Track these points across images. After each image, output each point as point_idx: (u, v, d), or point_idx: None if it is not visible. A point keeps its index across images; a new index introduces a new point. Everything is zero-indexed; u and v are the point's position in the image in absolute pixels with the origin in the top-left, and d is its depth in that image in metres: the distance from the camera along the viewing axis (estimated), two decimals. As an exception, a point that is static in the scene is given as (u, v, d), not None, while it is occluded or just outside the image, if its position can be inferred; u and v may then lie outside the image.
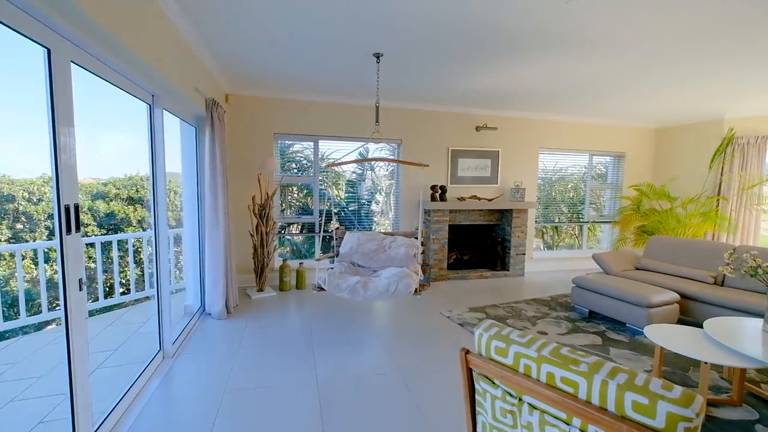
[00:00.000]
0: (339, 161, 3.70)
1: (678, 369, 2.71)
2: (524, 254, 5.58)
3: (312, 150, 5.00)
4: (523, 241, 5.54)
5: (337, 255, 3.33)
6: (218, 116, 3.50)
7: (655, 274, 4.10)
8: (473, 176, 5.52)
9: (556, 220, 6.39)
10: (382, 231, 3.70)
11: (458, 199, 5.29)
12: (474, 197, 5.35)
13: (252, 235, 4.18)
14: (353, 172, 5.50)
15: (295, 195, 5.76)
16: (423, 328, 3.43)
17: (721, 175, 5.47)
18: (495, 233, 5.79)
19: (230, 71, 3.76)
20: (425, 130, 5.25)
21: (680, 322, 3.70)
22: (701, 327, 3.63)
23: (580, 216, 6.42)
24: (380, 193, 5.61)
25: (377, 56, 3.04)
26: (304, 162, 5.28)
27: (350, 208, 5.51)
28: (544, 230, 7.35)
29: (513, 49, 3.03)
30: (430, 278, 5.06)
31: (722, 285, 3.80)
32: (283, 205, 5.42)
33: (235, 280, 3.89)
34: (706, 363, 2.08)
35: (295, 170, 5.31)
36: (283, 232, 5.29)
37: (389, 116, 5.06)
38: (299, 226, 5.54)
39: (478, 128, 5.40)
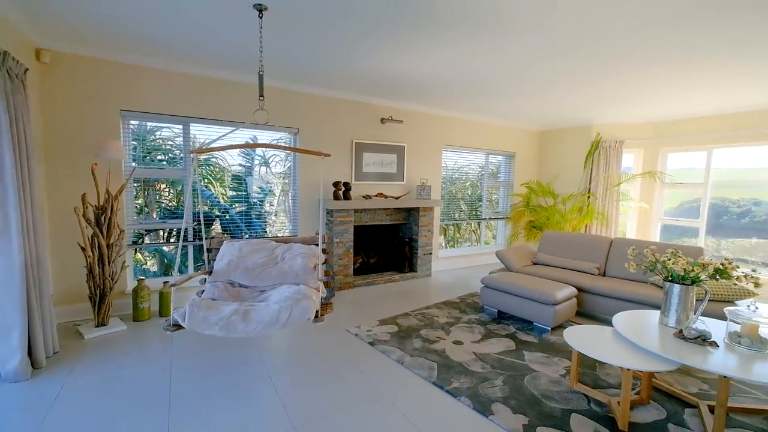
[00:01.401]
0: (210, 146, 2.84)
1: (587, 368, 2.68)
2: (431, 254, 5.42)
3: (182, 136, 3.92)
4: (430, 240, 5.38)
5: (210, 273, 2.49)
6: (15, 76, 2.33)
7: (550, 268, 4.27)
8: (379, 172, 5.12)
9: (457, 218, 6.45)
10: (273, 237, 2.96)
11: (364, 197, 4.82)
12: (380, 195, 4.95)
13: (83, 249, 2.98)
14: (241, 165, 4.56)
15: (165, 193, 4.55)
16: (327, 355, 2.82)
17: (591, 174, 6.18)
18: (402, 233, 5.51)
19: (41, 13, 2.55)
20: (326, 119, 4.63)
21: (576, 314, 3.88)
22: (592, 317, 3.96)
23: (478, 213, 6.62)
24: (275, 192, 4.79)
25: (259, 9, 2.32)
26: (176, 152, 4.14)
27: (237, 210, 4.56)
28: (446, 228, 7.43)
29: (418, 25, 2.64)
30: (335, 289, 4.47)
31: (604, 275, 4.13)
32: (147, 206, 4.19)
33: (53, 314, 2.70)
34: (628, 370, 1.97)
35: (164, 162, 4.14)
36: (140, 242, 4.07)
37: (283, 100, 4.29)
38: (166, 233, 4.37)
39: (383, 120, 5.01)
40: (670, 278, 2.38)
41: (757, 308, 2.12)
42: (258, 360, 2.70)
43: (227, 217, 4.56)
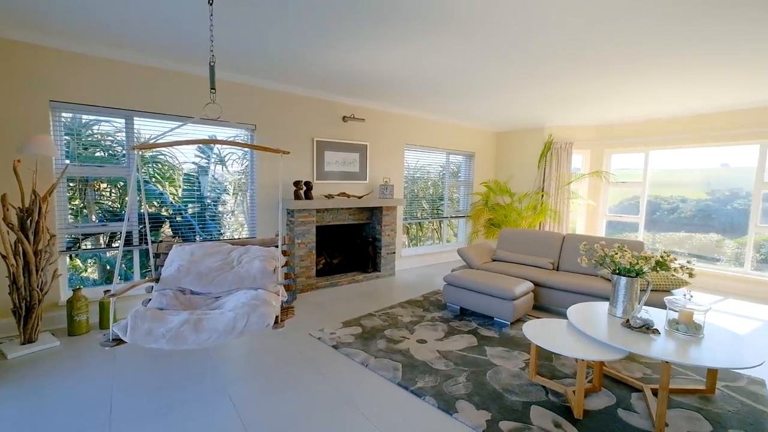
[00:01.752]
0: (155, 141, 2.59)
1: (545, 360, 2.79)
2: (395, 253, 5.42)
3: (124, 131, 3.59)
4: (393, 239, 5.38)
5: (158, 280, 2.29)
6: None
7: (509, 264, 4.42)
8: (341, 171, 5.03)
9: (420, 217, 6.52)
10: (230, 240, 2.79)
11: (326, 196, 4.72)
12: (343, 194, 4.87)
13: (4, 257, 2.64)
14: (194, 164, 4.28)
15: (106, 194, 4.17)
16: (288, 361, 2.71)
17: (544, 174, 6.49)
18: (365, 233, 5.46)
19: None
20: (286, 116, 4.46)
21: (534, 308, 4.05)
22: (548, 310, 4.15)
23: (440, 212, 6.73)
24: (232, 192, 4.55)
25: (209, -4, 2.16)
26: (118, 148, 3.79)
27: (190, 211, 4.28)
28: (409, 227, 7.49)
29: (374, 20, 2.61)
30: (297, 292, 4.33)
31: (558, 270, 4.35)
32: (85, 207, 3.80)
33: (-33, 334, 2.35)
34: (582, 360, 2.07)
35: (104, 159, 3.78)
36: (76, 247, 3.69)
37: (239, 94, 4.08)
38: (107, 237, 4.00)
39: (345, 118, 4.92)
40: (617, 271, 2.53)
41: (692, 297, 2.31)
42: (213, 371, 2.53)
43: (179, 219, 4.26)
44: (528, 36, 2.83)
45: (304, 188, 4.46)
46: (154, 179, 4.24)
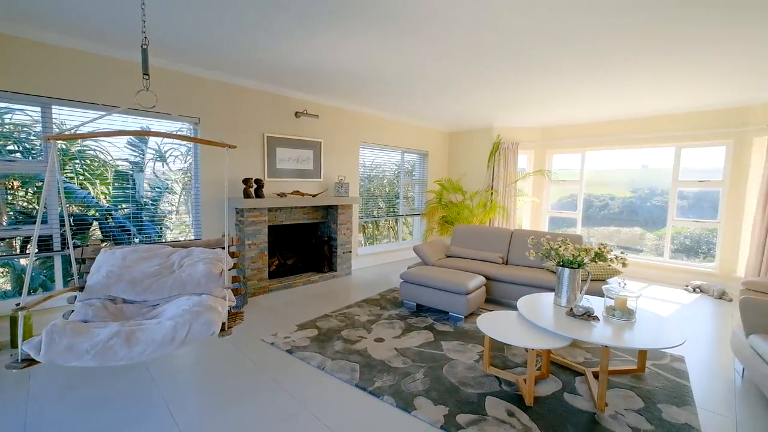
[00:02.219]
0: (76, 132, 2.27)
1: (497, 351, 2.90)
2: (351, 252, 5.36)
3: (41, 122, 3.16)
4: (349, 238, 5.31)
5: (82, 289, 2.03)
6: None
7: (462, 260, 4.55)
8: (295, 169, 4.86)
9: (376, 215, 6.51)
10: (171, 242, 2.56)
11: (278, 195, 4.52)
12: (297, 193, 4.70)
13: None
14: (127, 161, 3.88)
15: (19, 193, 3.65)
16: (239, 370, 2.55)
17: (493, 172, 6.77)
18: (320, 232, 5.33)
19: None
20: (233, 110, 4.21)
21: (486, 301, 4.20)
22: (499, 302, 4.33)
23: (396, 210, 6.77)
24: (175, 191, 4.20)
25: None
26: (35, 141, 3.32)
27: (124, 211, 3.88)
28: (365, 226, 7.46)
29: (323, 11, 2.53)
30: (248, 296, 4.10)
31: (507, 264, 4.55)
32: (-17, 209, 3.30)
33: None
34: (532, 350, 2.16)
35: (17, 152, 3.30)
36: (-17, 254, 3.19)
37: (181, 85, 3.77)
38: (19, 241, 3.51)
39: (297, 114, 4.76)
40: (561, 263, 2.69)
41: (625, 284, 2.52)
42: (152, 387, 2.30)
43: (110, 220, 3.85)
44: (477, 39, 2.92)
45: (255, 186, 4.24)
46: (82, 177, 3.80)
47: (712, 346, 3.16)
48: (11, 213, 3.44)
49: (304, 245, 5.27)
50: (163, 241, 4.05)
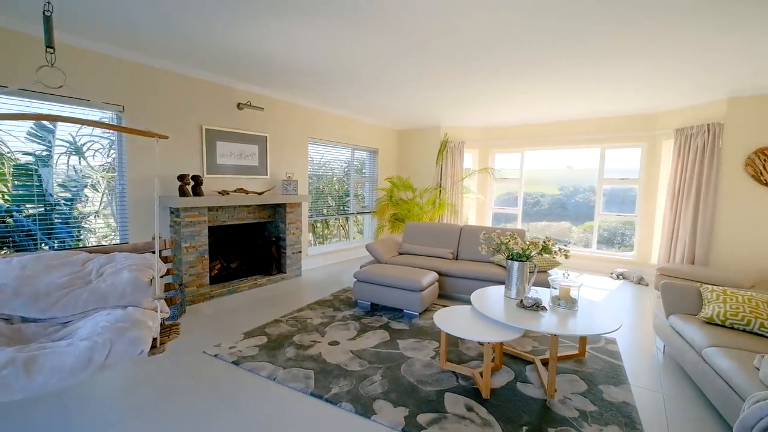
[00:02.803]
0: None
1: (452, 346, 2.93)
2: (301, 252, 5.13)
3: None
4: (299, 238, 5.08)
5: (-33, 308, 1.65)
6: None
7: (414, 256, 4.57)
8: (238, 165, 4.52)
9: (326, 213, 6.33)
10: (89, 248, 2.19)
11: (220, 193, 4.17)
12: (241, 191, 4.38)
13: None
14: (29, 154, 3.30)
15: None
16: (179, 389, 2.28)
17: (441, 170, 6.94)
18: (268, 232, 5.04)
19: None
20: (166, 99, 3.78)
21: (439, 296, 4.26)
22: (452, 297, 4.41)
23: (346, 208, 6.65)
24: (98, 189, 3.67)
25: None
26: None
27: (29, 212, 3.30)
28: (315, 225, 7.25)
29: (286, -3, 2.36)
30: (186, 304, 3.73)
31: (457, 259, 4.67)
32: None
33: None
34: (488, 343, 2.20)
35: None
36: None
37: (101, 67, 3.29)
38: None
39: (240, 106, 4.42)
40: (511, 257, 2.79)
41: (569, 275, 2.67)
42: (63, 420, 1.96)
43: (9, 223, 3.25)
44: (426, 38, 2.91)
45: (192, 183, 3.87)
46: (-35, 171, 3.15)
47: (637, 327, 3.50)
48: None
49: (249, 247, 4.94)
50: (81, 246, 3.53)
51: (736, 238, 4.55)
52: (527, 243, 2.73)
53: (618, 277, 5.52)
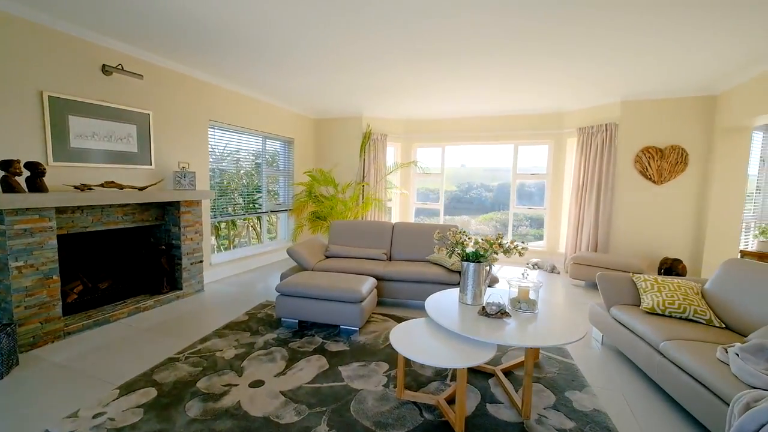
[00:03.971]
0: None
1: (406, 366, 2.49)
2: (202, 262, 4.14)
3: None
4: (200, 244, 4.09)
5: None
6: None
7: (344, 260, 4.03)
8: (107, 150, 3.36)
9: (233, 213, 5.35)
10: None
11: (77, 187, 3.01)
12: (112, 185, 3.25)
13: None
14: None
15: None
16: None
17: (364, 164, 6.49)
18: (155, 238, 3.93)
19: None
20: (-30, 47, 2.51)
21: (377, 304, 3.79)
22: (390, 303, 3.91)
23: (258, 206, 5.74)
24: None
25: None
26: None
27: None
28: (218, 226, 6.16)
29: None
30: (16, 352, 2.54)
31: (391, 260, 4.27)
32: None
33: None
34: (462, 368, 1.80)
35: None
36: None
37: None
38: None
39: (107, 69, 3.27)
40: (466, 257, 2.47)
41: (528, 275, 2.46)
42: None
43: None
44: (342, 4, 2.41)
45: (29, 174, 2.68)
46: None
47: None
48: None
49: (128, 259, 3.77)
50: None
51: (629, 226, 5.11)
52: (489, 242, 2.44)
53: (533, 267, 5.82)
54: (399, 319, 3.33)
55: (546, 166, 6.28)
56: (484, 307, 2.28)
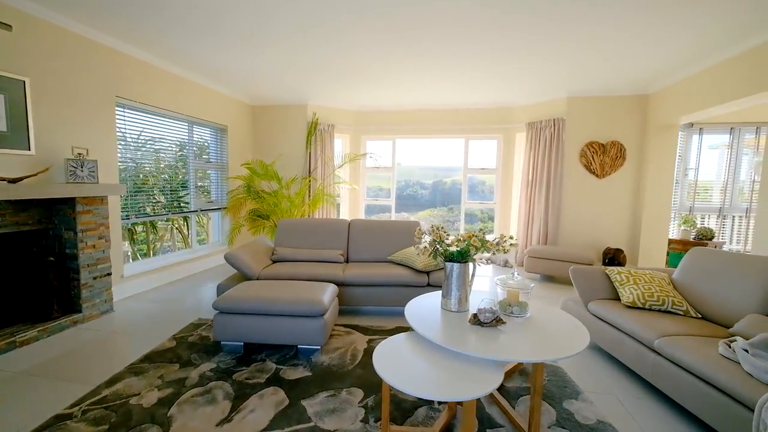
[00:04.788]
0: None
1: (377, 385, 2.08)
2: (110, 275, 3.29)
3: None
4: (107, 252, 3.23)
5: None
6: None
7: (296, 264, 3.49)
8: (-49, 127, 2.41)
9: (152, 212, 4.44)
10: None
11: None
12: (-38, 176, 2.33)
13: None
14: None
15: None
16: None
17: (310, 156, 5.91)
18: (39, 248, 2.99)
19: None
20: None
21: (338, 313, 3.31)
22: (352, 312, 3.43)
23: (185, 205, 4.87)
24: None
25: None
26: None
27: None
28: (133, 230, 5.17)
29: None
30: None
31: (348, 261, 3.83)
32: None
33: None
34: (460, 404, 1.44)
35: None
36: None
37: None
38: None
39: (-52, 13, 2.33)
40: (451, 258, 2.13)
41: (518, 275, 2.20)
42: None
43: None
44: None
45: None
46: None
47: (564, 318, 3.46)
48: None
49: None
50: None
51: (576, 219, 5.28)
52: (481, 239, 2.12)
53: (487, 262, 5.78)
54: (365, 330, 2.91)
55: (496, 160, 6.30)
56: (475, 315, 1.96)
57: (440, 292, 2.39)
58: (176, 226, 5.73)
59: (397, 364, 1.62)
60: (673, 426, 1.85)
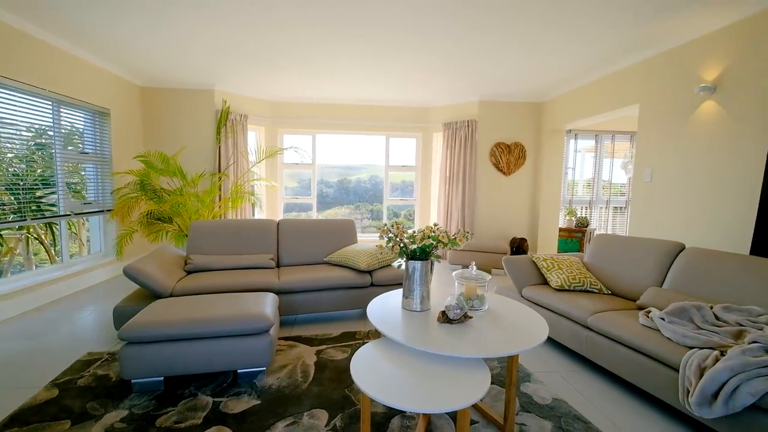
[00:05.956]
0: None
1: (352, 392, 1.89)
2: (-64, 308, 2.33)
3: None
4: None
5: None
6: None
7: (219, 273, 3.00)
8: None
9: None
10: None
11: None
12: None
13: None
14: None
15: None
16: None
17: (220, 150, 5.22)
18: None
19: None
20: None
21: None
22: (292, 323, 3.11)
23: (50, 209, 3.80)
24: None
25: None
26: None
27: None
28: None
29: None
30: None
31: (279, 266, 3.47)
32: None
33: None
34: (466, 408, 1.37)
35: None
36: None
37: None
38: None
39: None
40: (413, 255, 2.05)
41: (474, 268, 2.23)
42: None
43: None
44: None
45: None
46: None
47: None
48: None
49: None
50: None
51: (488, 212, 5.77)
52: (444, 232, 2.06)
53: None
54: (310, 341, 2.64)
55: (415, 158, 6.50)
56: (444, 313, 1.91)
57: (390, 292, 2.33)
58: (34, 235, 4.45)
59: (377, 375, 1.46)
60: (611, 394, 2.09)
